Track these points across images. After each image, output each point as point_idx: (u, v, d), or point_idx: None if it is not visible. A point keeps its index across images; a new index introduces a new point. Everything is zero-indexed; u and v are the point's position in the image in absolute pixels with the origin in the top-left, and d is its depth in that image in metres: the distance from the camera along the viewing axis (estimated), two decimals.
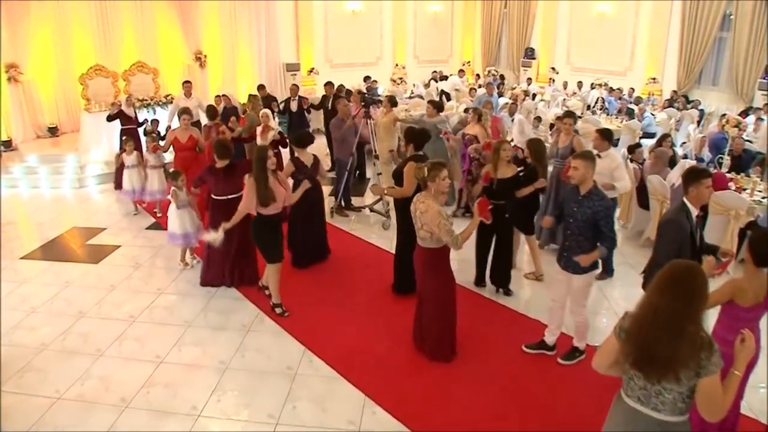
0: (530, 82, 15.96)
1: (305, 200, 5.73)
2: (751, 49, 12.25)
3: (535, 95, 14.40)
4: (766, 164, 7.50)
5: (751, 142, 9.30)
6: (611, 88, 13.82)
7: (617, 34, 15.05)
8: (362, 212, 8.22)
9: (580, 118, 10.26)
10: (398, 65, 17.43)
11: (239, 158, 7.36)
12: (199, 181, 5.96)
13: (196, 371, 4.59)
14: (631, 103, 12.69)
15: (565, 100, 13.77)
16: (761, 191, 6.84)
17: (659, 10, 14.03)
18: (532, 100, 13.78)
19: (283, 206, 5.33)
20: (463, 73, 17.03)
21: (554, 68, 16.56)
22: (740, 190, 6.85)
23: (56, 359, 4.76)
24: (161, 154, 7.86)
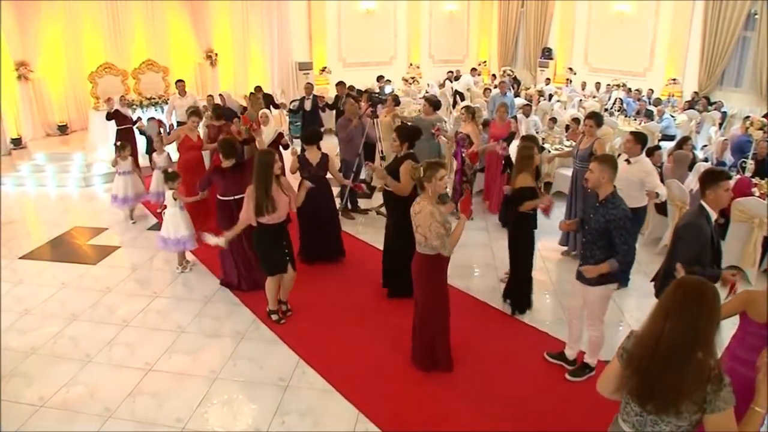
0: (548, 82, 15.63)
1: (309, 195, 5.64)
2: None
3: (551, 96, 14.08)
4: None
5: None
6: (629, 89, 13.43)
7: (637, 33, 14.63)
8: (369, 215, 7.99)
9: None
10: (412, 65, 17.20)
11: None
12: (206, 182, 5.78)
13: (184, 380, 4.42)
14: (650, 104, 12.31)
15: (581, 101, 13.42)
16: None
17: (680, 9, 13.60)
18: (548, 101, 13.47)
19: (287, 212, 5.11)
20: (476, 71, 16.74)
21: (571, 69, 16.16)
22: (764, 196, 6.47)
23: (44, 364, 4.63)
24: (168, 155, 7.66)
